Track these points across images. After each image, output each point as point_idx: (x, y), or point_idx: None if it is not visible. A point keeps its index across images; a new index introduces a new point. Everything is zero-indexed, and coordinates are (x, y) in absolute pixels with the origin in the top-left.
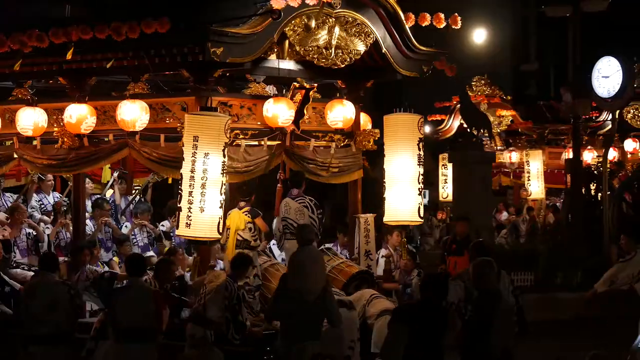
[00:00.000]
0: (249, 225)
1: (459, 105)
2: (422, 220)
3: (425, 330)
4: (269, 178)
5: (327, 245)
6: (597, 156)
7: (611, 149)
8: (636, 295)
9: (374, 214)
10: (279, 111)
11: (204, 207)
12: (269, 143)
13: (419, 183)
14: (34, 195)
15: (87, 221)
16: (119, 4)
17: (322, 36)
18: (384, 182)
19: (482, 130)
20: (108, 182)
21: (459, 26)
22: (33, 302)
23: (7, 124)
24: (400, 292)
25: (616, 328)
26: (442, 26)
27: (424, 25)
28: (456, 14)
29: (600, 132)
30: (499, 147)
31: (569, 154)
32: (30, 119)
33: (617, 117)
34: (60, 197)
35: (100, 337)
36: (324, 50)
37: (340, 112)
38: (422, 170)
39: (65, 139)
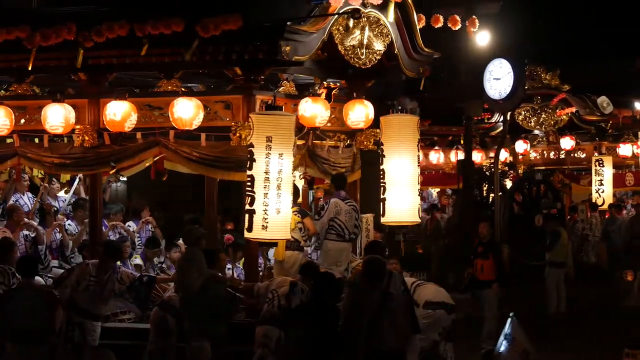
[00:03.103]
0: (299, 225)
1: None
2: (420, 221)
3: (317, 330)
4: None
5: None
6: (489, 157)
7: (503, 150)
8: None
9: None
10: (317, 111)
11: (281, 209)
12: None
13: (418, 184)
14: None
15: (70, 222)
16: None
17: (356, 36)
18: (384, 183)
19: None
20: (67, 181)
21: (476, 28)
22: None
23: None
24: None
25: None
26: (457, 28)
27: (436, 27)
28: (474, 16)
29: (492, 133)
30: None
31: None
32: (60, 116)
33: (508, 118)
34: (34, 197)
35: (166, 334)
36: (357, 49)
37: (362, 112)
38: (419, 171)
39: (86, 137)
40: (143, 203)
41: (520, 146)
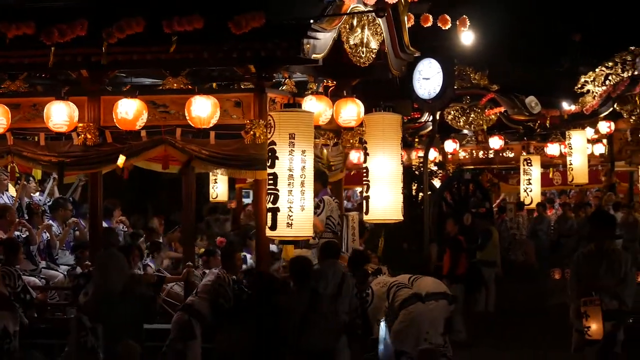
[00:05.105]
0: None
1: None
2: (403, 218)
3: (255, 328)
4: None
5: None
6: (419, 156)
7: (432, 150)
8: None
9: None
10: (321, 109)
11: (305, 206)
12: None
13: (400, 182)
14: None
15: (51, 222)
16: None
17: (358, 34)
18: (367, 181)
19: None
20: (38, 180)
21: (467, 27)
22: None
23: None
24: None
25: None
26: (447, 27)
27: (426, 26)
28: (464, 15)
29: (422, 133)
30: None
31: None
32: (64, 114)
33: (437, 118)
34: (13, 197)
35: (188, 338)
36: (359, 48)
37: (353, 111)
38: (401, 169)
39: (89, 135)
40: (115, 203)
41: (450, 146)
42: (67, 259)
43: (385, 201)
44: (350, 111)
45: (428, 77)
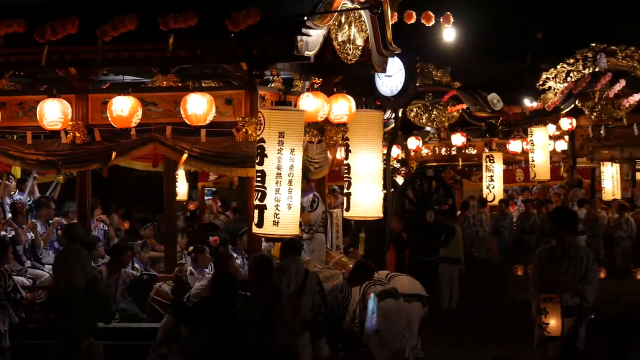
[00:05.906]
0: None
1: None
2: (383, 216)
3: (219, 325)
4: None
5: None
6: (383, 154)
7: (394, 147)
8: None
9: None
10: (319, 105)
11: (292, 204)
12: None
13: (382, 179)
14: None
15: (33, 220)
16: None
17: (345, 31)
18: (349, 178)
19: None
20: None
21: (450, 24)
22: None
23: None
24: None
25: None
26: (431, 24)
27: (409, 23)
28: (449, 12)
29: (385, 130)
30: None
31: None
32: (58, 112)
33: (400, 115)
34: None
35: (173, 342)
36: (346, 45)
37: (345, 107)
38: (382, 167)
39: (78, 134)
40: (95, 201)
41: (412, 143)
42: (50, 259)
43: (367, 198)
44: (342, 107)
45: (390, 74)
